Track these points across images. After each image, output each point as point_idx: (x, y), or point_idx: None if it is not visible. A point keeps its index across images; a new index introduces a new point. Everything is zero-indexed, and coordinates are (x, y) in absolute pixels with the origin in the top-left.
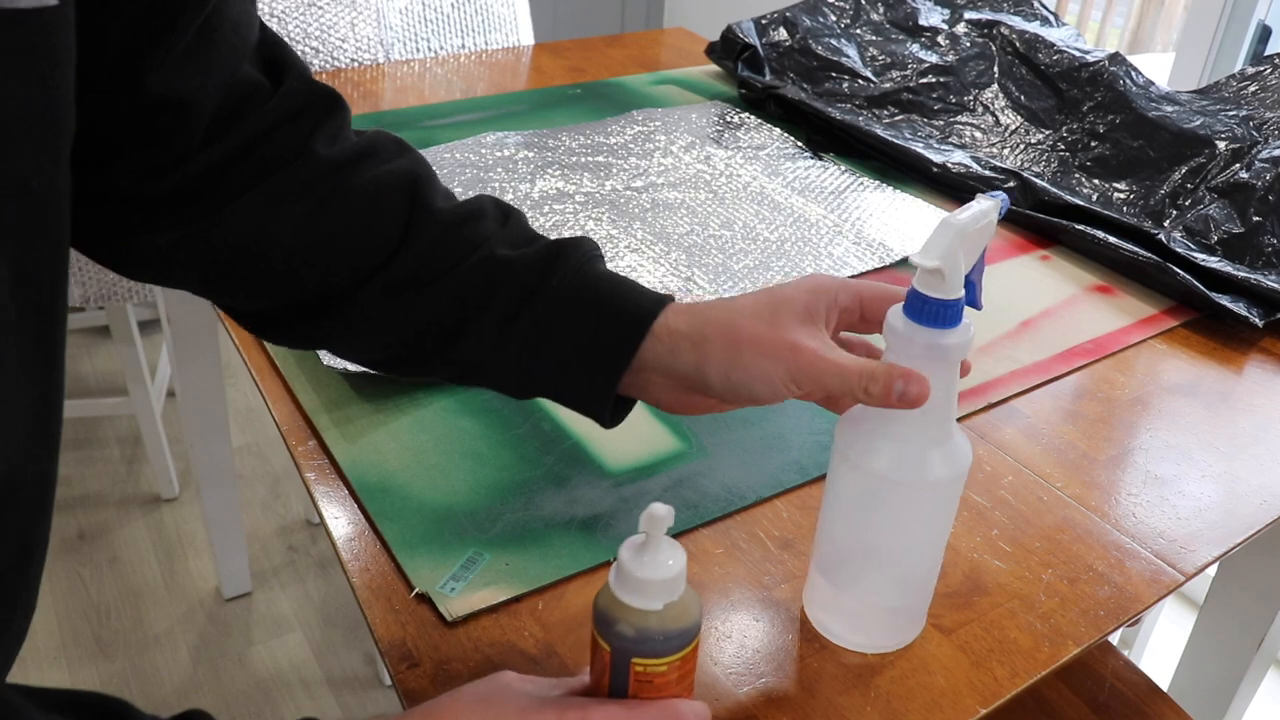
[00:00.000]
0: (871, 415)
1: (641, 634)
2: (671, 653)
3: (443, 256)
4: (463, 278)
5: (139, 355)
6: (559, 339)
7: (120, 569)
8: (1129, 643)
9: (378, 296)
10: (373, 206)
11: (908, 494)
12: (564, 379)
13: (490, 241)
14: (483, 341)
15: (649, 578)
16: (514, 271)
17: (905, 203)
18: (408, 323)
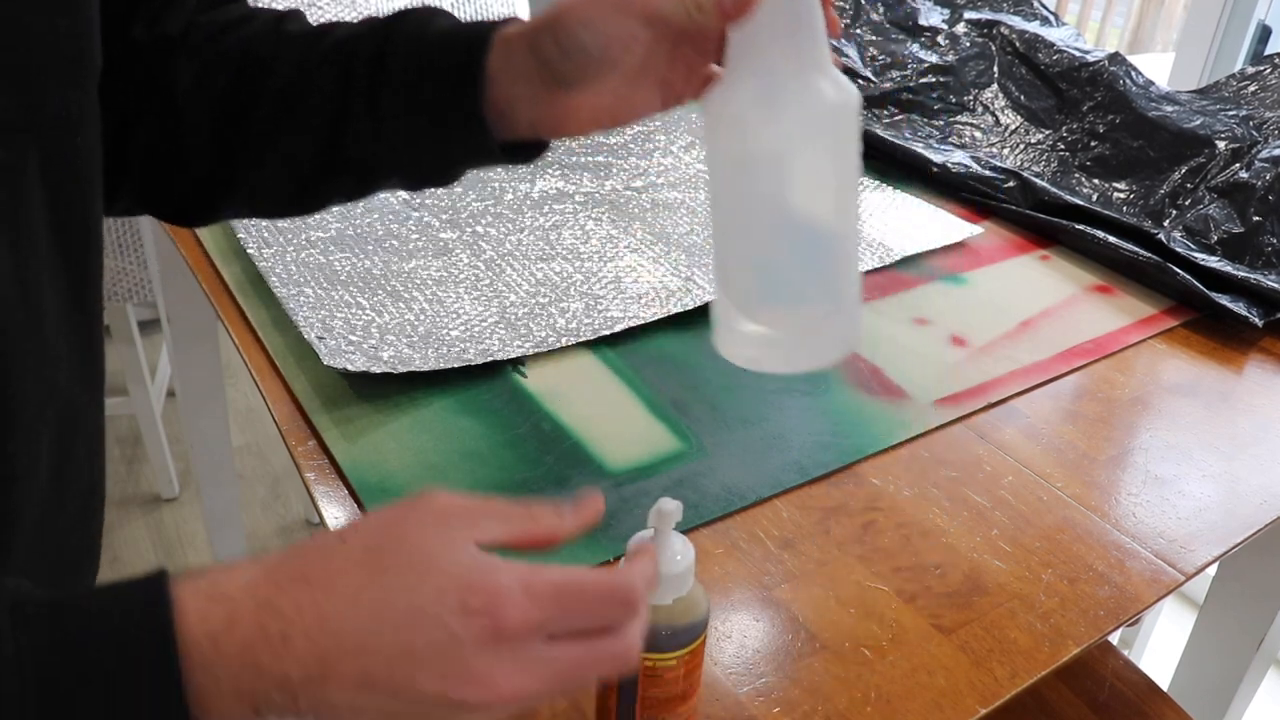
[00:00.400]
0: (734, 67)
1: (650, 629)
2: (680, 647)
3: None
4: (320, 69)
5: (139, 355)
6: (414, 86)
7: (120, 569)
8: (1129, 643)
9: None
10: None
11: (796, 134)
12: (435, 125)
13: (340, 32)
14: (363, 120)
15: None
16: (360, 43)
17: (905, 203)
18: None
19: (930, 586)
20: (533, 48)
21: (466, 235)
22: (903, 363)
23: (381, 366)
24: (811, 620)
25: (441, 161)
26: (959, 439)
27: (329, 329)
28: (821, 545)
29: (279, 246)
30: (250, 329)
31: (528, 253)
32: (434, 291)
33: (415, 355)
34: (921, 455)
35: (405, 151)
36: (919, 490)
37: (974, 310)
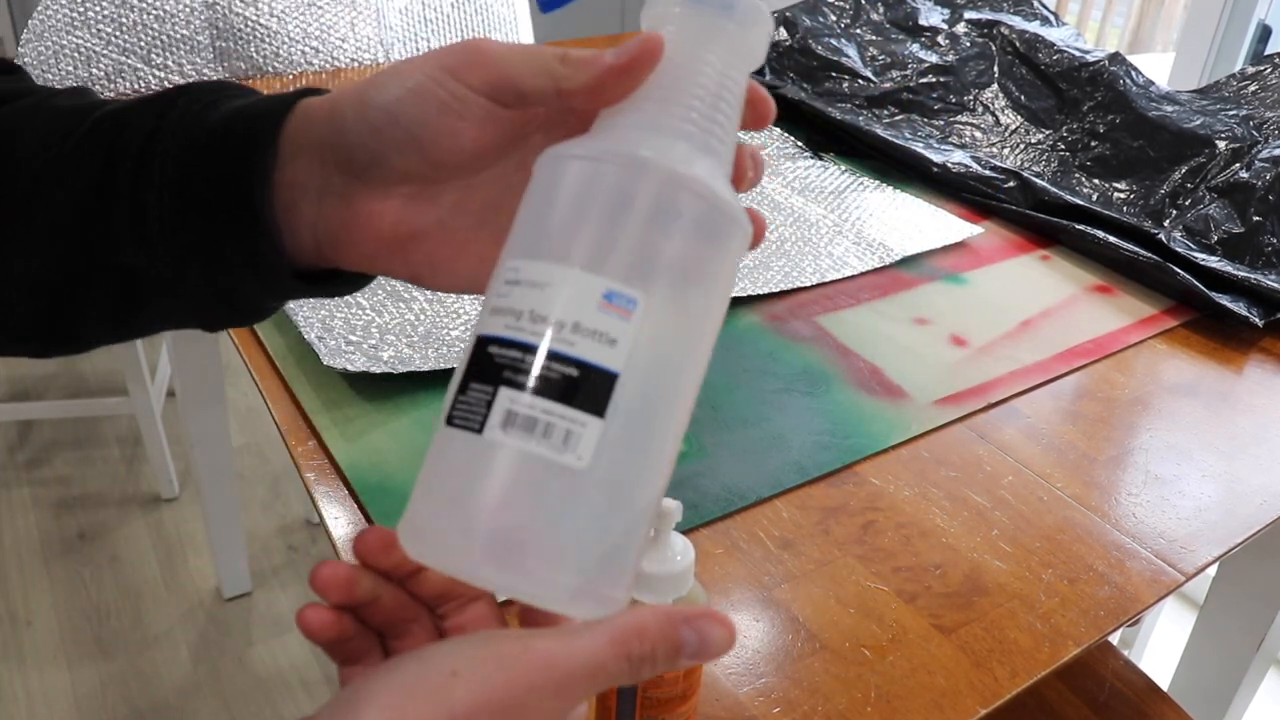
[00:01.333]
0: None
1: None
2: None
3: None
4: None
5: (139, 355)
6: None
7: (120, 569)
8: (1129, 643)
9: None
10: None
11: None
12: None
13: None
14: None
15: (658, 572)
16: (131, 121)
17: (905, 203)
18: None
19: (930, 586)
20: (333, 112)
21: None
22: (903, 363)
23: (381, 366)
24: (811, 620)
25: (223, 279)
26: (959, 439)
27: (329, 329)
28: (821, 545)
29: None
30: (250, 329)
31: None
32: (434, 291)
33: (415, 355)
34: (921, 455)
35: (176, 261)
36: (919, 490)
37: (974, 310)
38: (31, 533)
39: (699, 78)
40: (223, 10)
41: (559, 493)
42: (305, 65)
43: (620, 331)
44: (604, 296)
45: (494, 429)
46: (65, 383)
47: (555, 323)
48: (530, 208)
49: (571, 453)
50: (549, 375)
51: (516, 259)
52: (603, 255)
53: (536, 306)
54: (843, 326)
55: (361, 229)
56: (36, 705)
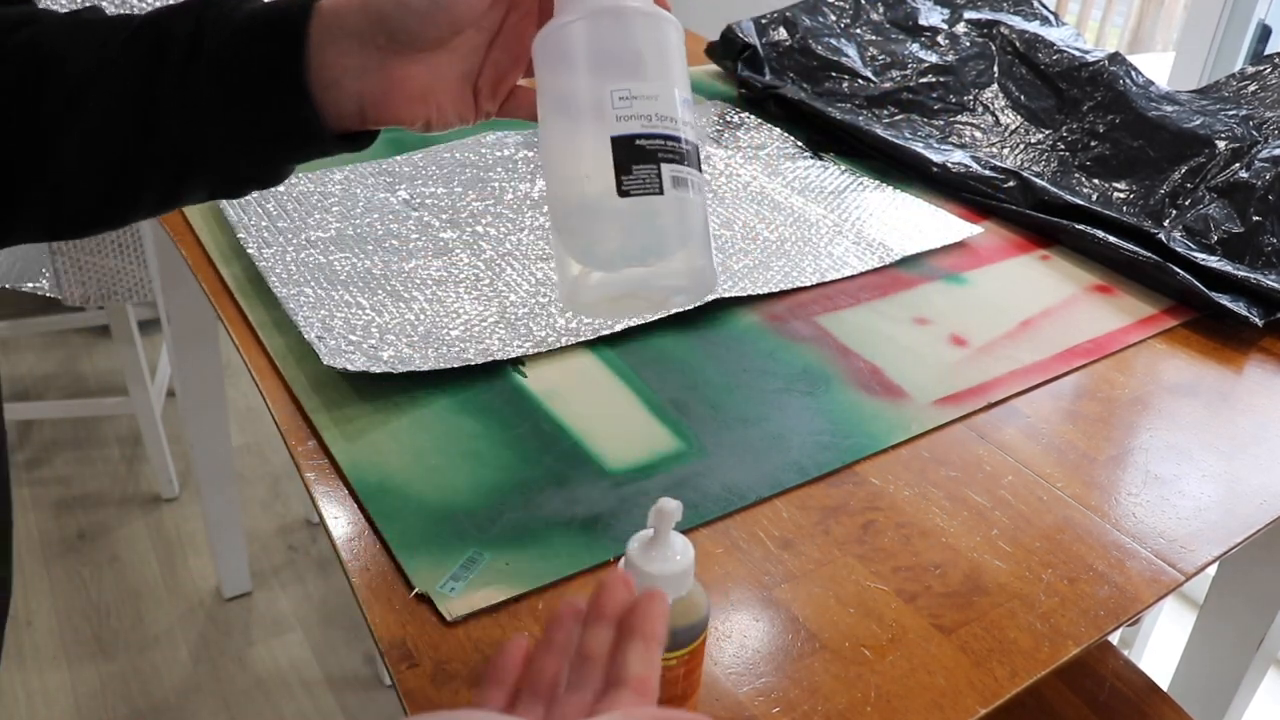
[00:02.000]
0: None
1: None
2: (679, 647)
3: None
4: (125, 50)
5: (139, 355)
6: (232, 61)
7: (120, 569)
8: (1129, 643)
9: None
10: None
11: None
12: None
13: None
14: (170, 114)
15: (658, 572)
16: (173, 19)
17: (905, 203)
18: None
19: (930, 586)
20: (364, 8)
21: (466, 235)
22: (903, 362)
23: (381, 366)
24: (811, 620)
25: (266, 148)
26: (959, 439)
27: (329, 329)
28: (821, 545)
29: (279, 246)
30: (250, 329)
31: (528, 252)
32: (434, 291)
33: (415, 355)
34: (921, 455)
35: (225, 137)
36: (919, 490)
37: (974, 310)
38: (31, 533)
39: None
40: None
41: (701, 218)
42: None
43: (691, 118)
44: (682, 102)
45: (669, 189)
46: (65, 383)
47: (672, 119)
48: (590, 53)
49: (699, 195)
50: (683, 150)
51: (621, 83)
52: (670, 74)
53: (659, 110)
54: (843, 326)
55: (399, 91)
56: (36, 705)
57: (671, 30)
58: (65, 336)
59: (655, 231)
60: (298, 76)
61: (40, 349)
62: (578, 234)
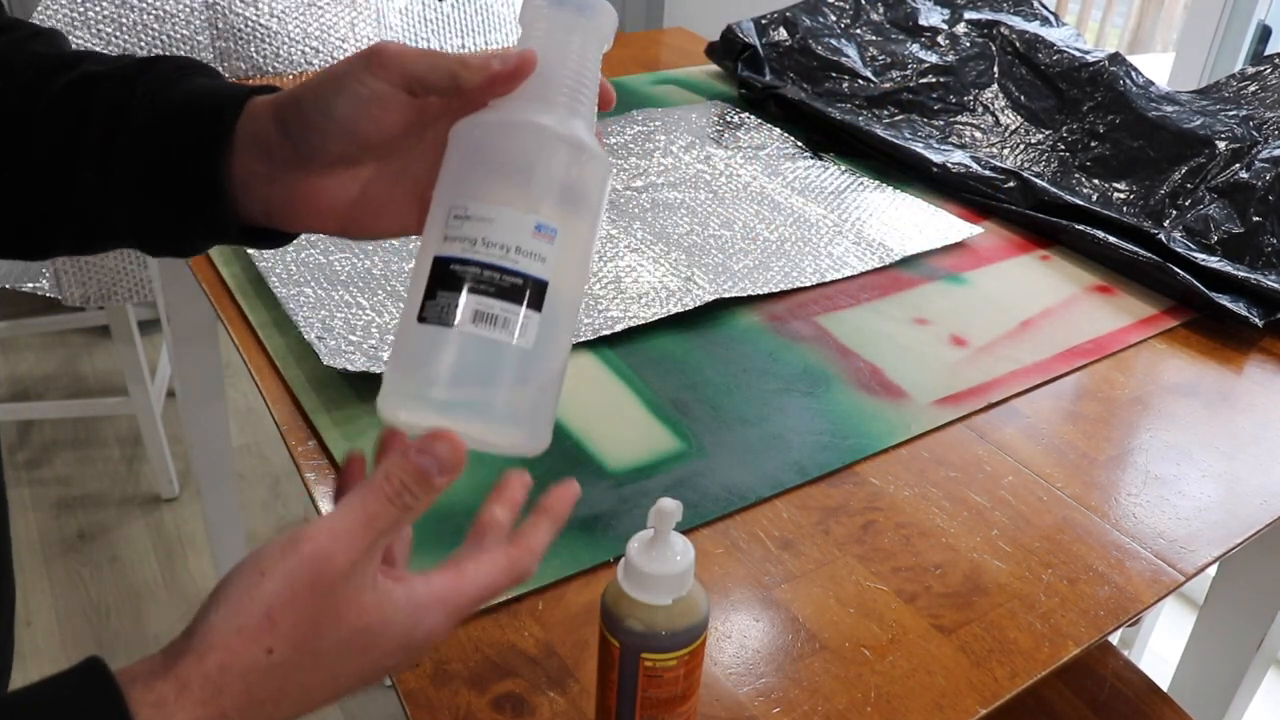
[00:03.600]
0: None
1: (650, 629)
2: (680, 647)
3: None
4: (51, 106)
5: (139, 355)
6: (151, 146)
7: (120, 569)
8: (1129, 643)
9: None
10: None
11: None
12: (169, 194)
13: (80, 62)
14: (89, 179)
15: (658, 573)
16: (102, 85)
17: (905, 203)
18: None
19: (930, 586)
20: (276, 114)
21: None
22: (903, 363)
23: (381, 367)
24: (811, 620)
25: (174, 231)
26: (959, 439)
27: (329, 329)
28: (821, 545)
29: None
30: (250, 329)
31: None
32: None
33: None
34: (921, 455)
35: (135, 215)
36: (919, 490)
37: (974, 310)
38: (31, 533)
39: (567, 62)
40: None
41: (513, 365)
42: (305, 65)
43: (548, 251)
44: (535, 228)
45: (465, 323)
46: (65, 383)
47: (503, 246)
48: (462, 161)
49: (523, 337)
50: (504, 284)
51: (462, 200)
52: (530, 197)
53: (488, 235)
54: (843, 326)
55: (304, 204)
56: None
57: (559, 153)
58: (65, 336)
59: (437, 367)
60: (212, 183)
61: (40, 349)
62: (394, 346)
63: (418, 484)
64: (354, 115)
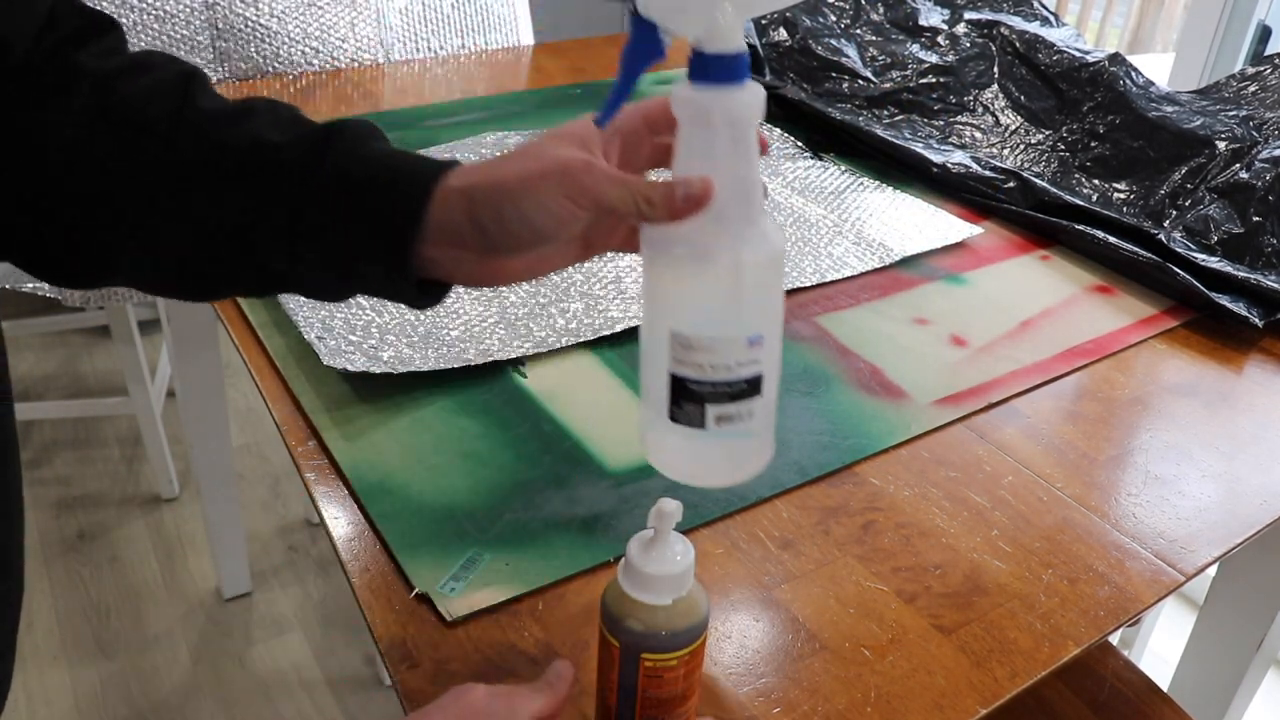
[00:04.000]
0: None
1: (650, 630)
2: (681, 647)
3: (210, 154)
4: (234, 176)
5: (139, 355)
6: (342, 228)
7: (120, 569)
8: (1129, 643)
9: (155, 194)
10: (143, 106)
11: (746, 275)
12: (360, 269)
13: (261, 132)
14: (275, 248)
15: (658, 573)
16: (284, 162)
17: (905, 203)
18: (191, 233)
19: (930, 586)
20: (471, 215)
21: None
22: (903, 363)
23: (381, 366)
24: (811, 620)
25: (353, 289)
26: (959, 439)
27: (329, 329)
28: (821, 545)
29: None
30: (250, 329)
31: None
32: None
33: (415, 355)
34: (921, 455)
35: (319, 279)
36: (919, 490)
37: (974, 310)
38: (31, 533)
39: (738, 168)
40: (223, 10)
41: (751, 433)
42: (305, 65)
43: (760, 354)
44: (748, 342)
45: (711, 425)
46: (65, 383)
47: (726, 366)
48: (673, 288)
49: (754, 417)
50: (733, 391)
51: (682, 329)
52: (740, 322)
53: (712, 361)
54: (843, 326)
55: (488, 278)
56: (36, 705)
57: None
58: (65, 336)
59: (697, 456)
60: (402, 264)
61: (40, 349)
62: (645, 413)
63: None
64: (547, 225)
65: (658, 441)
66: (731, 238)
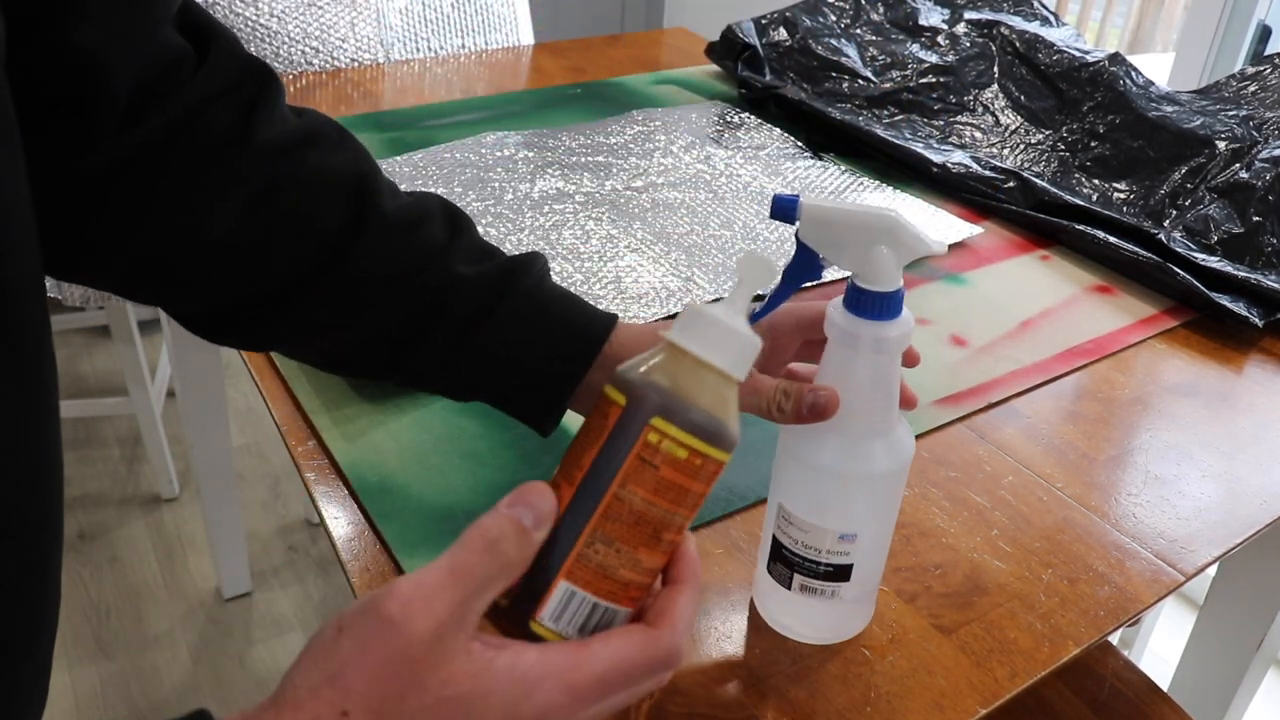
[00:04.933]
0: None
1: (679, 391)
2: (700, 436)
3: (391, 260)
4: (415, 290)
5: (139, 355)
6: (511, 359)
7: (120, 569)
8: (1129, 643)
9: (324, 298)
10: (317, 201)
11: (852, 485)
12: (514, 395)
13: (444, 254)
14: (433, 357)
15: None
16: (467, 290)
17: (905, 203)
18: (355, 328)
19: (930, 586)
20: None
21: None
22: None
23: None
24: None
25: (490, 403)
26: (959, 439)
27: None
28: None
29: None
30: None
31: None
32: None
33: None
34: (921, 455)
35: (464, 392)
36: (919, 490)
37: (974, 310)
38: None
39: (875, 392)
40: (223, 10)
41: (830, 608)
42: (305, 65)
43: (851, 548)
44: (839, 538)
45: (795, 588)
46: (65, 383)
47: (815, 549)
48: (792, 470)
49: (837, 598)
50: (818, 571)
51: (789, 505)
52: (835, 519)
53: (805, 540)
54: None
55: None
56: None
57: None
58: (65, 336)
59: (783, 608)
60: (559, 408)
61: None
62: (761, 550)
63: (516, 535)
64: None
65: (758, 577)
66: (849, 450)
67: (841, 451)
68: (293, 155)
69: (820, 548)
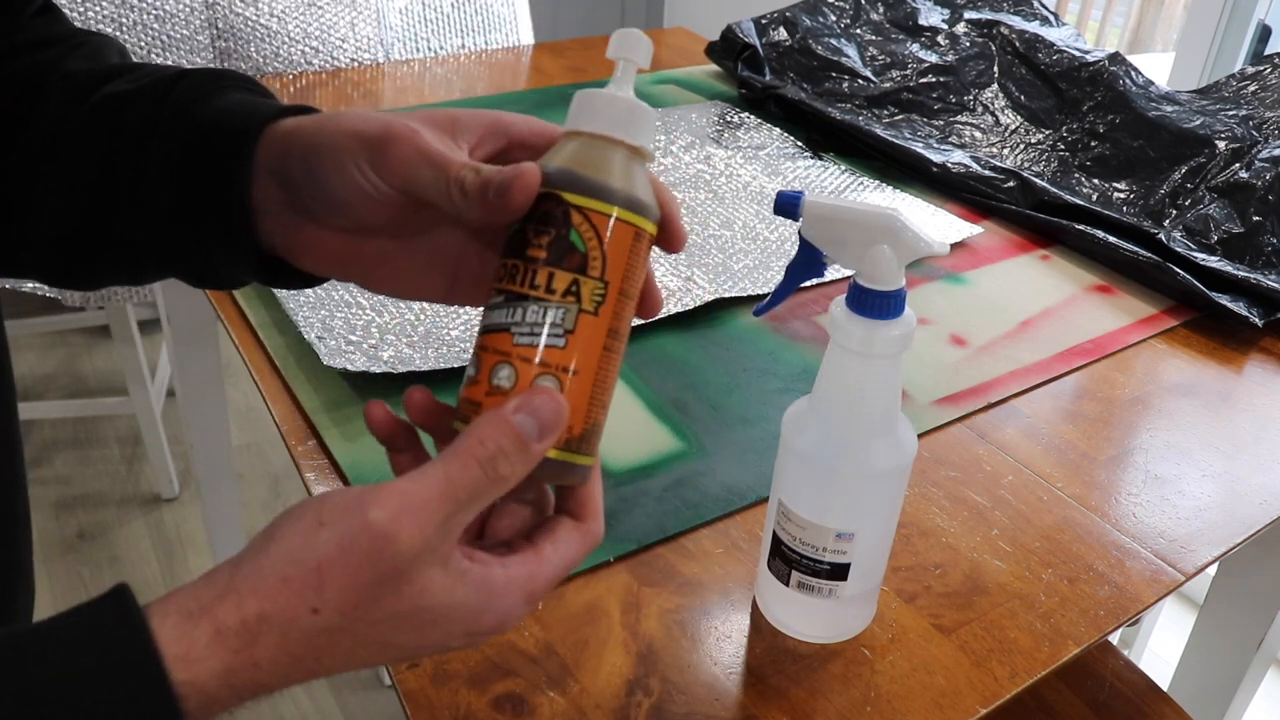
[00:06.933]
0: (819, 408)
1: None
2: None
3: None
4: (82, 131)
5: (139, 355)
6: (174, 175)
7: (120, 569)
8: (1129, 643)
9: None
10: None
11: (851, 484)
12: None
13: (112, 78)
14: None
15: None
16: (128, 112)
17: (905, 203)
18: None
19: (930, 586)
20: (284, 162)
21: None
22: None
23: (381, 366)
24: None
25: (202, 258)
26: (959, 439)
27: (329, 329)
28: None
29: None
30: (250, 329)
31: None
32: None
33: (415, 355)
34: (921, 455)
35: (165, 242)
36: (919, 490)
37: (974, 310)
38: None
39: (888, 396)
40: (223, 10)
41: (829, 605)
42: (305, 65)
43: (849, 546)
44: (835, 536)
45: (793, 585)
46: (65, 383)
47: (813, 546)
48: (793, 466)
49: (835, 597)
50: (816, 569)
51: (788, 501)
52: (834, 516)
53: (803, 538)
54: None
55: (306, 250)
56: None
57: (857, 488)
58: (65, 336)
59: (782, 604)
60: (225, 202)
61: (40, 349)
62: (763, 547)
63: (516, 449)
64: (342, 192)
65: (760, 574)
66: (850, 448)
67: (842, 449)
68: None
69: (818, 545)
